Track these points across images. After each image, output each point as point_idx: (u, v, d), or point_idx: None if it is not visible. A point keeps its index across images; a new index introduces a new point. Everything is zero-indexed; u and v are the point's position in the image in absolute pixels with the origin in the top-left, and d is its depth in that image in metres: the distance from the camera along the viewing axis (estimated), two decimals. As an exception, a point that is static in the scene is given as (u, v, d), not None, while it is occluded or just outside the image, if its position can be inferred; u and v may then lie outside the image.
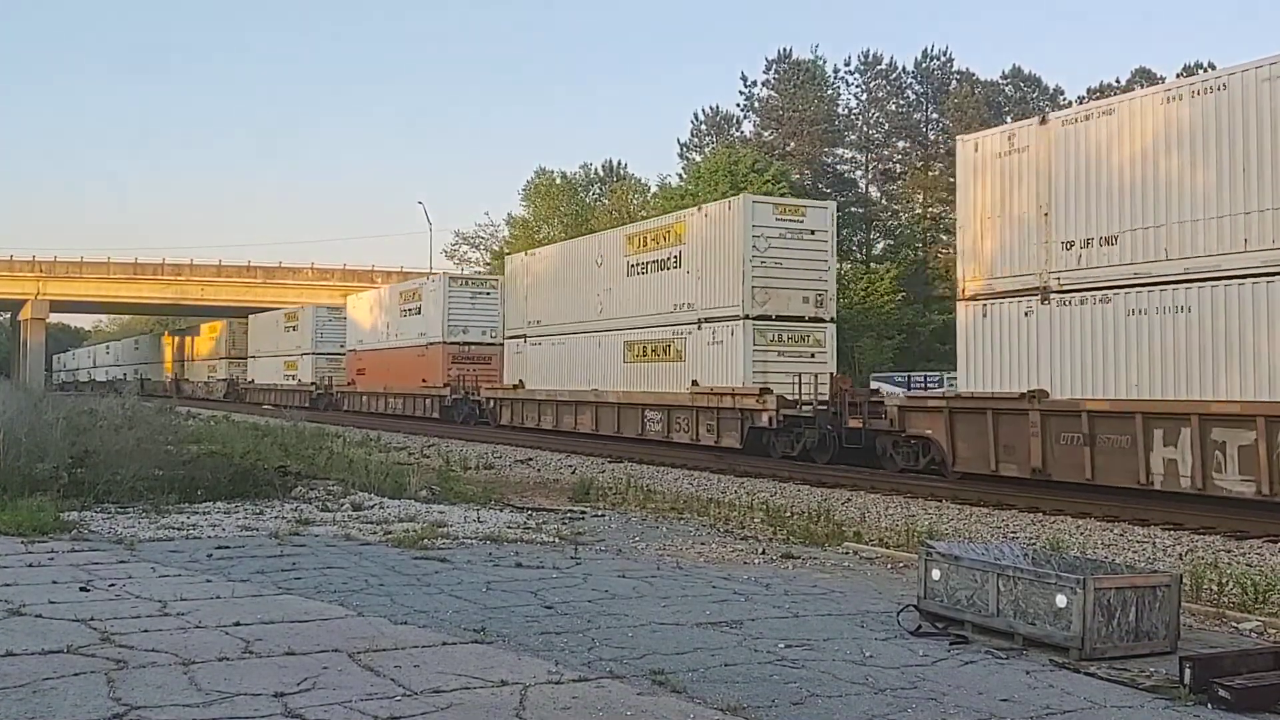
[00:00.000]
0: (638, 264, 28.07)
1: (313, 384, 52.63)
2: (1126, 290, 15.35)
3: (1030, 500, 15.85)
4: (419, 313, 42.15)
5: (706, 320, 25.07)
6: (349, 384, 49.07)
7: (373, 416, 43.57)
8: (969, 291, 18.02)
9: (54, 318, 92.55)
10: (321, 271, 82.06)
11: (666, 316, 26.54)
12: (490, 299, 40.04)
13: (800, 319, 24.32)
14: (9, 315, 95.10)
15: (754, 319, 23.79)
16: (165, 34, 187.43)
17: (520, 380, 34.00)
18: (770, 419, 22.69)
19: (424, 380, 40.57)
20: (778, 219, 24.37)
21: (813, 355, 24.10)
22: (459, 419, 37.78)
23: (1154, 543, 12.73)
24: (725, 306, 24.44)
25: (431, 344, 40.32)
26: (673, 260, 26.54)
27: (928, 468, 19.04)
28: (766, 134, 67.94)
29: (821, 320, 24.56)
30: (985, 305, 17.61)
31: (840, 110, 68.75)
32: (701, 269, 25.34)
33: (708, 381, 24.73)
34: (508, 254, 46.40)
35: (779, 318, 24.08)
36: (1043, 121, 17.35)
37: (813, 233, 24.56)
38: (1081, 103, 63.68)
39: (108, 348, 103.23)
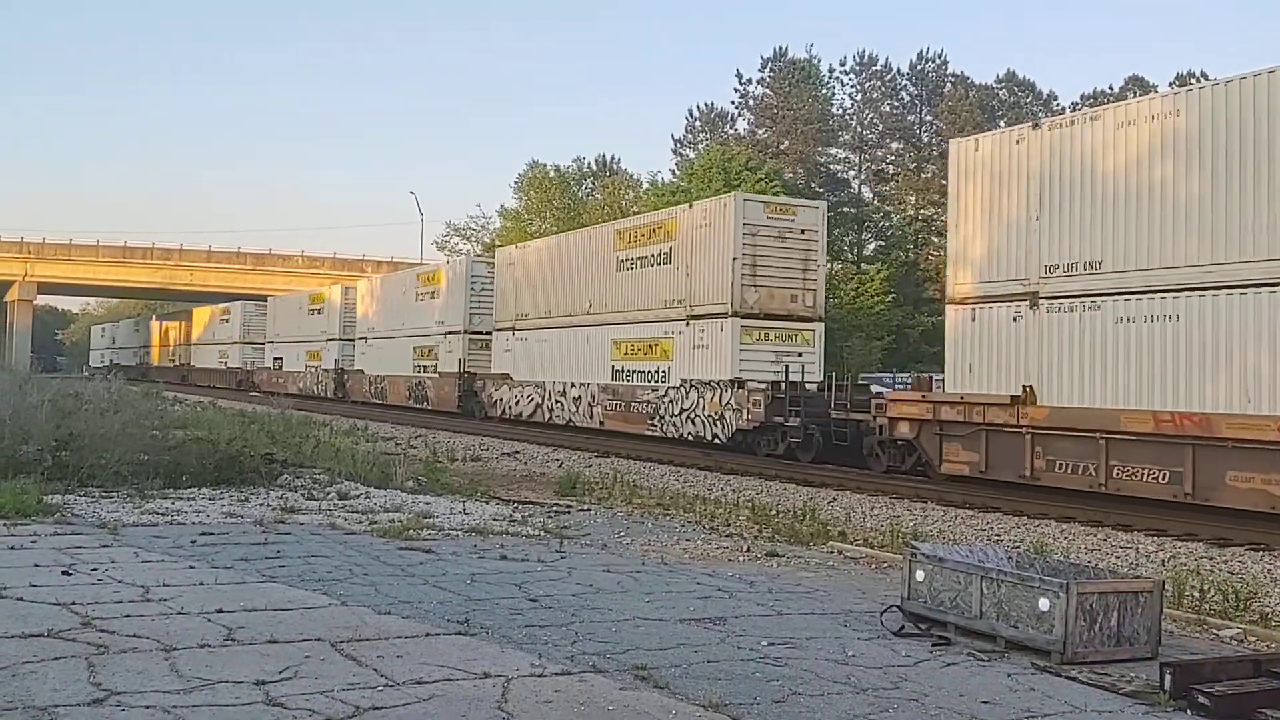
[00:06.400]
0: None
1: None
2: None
3: (1015, 504, 15.90)
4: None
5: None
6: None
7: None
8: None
9: (40, 300, 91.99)
10: (312, 259, 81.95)
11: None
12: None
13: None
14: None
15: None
16: (162, 20, 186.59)
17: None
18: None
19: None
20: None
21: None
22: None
23: (1137, 548, 12.79)
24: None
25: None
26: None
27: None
28: (760, 132, 68.00)
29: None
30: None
31: (834, 110, 68.87)
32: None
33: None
34: (499, 246, 46.06)
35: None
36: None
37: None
38: (1075, 109, 64.02)
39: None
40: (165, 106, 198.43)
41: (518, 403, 32.58)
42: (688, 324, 25.05)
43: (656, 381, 25.99)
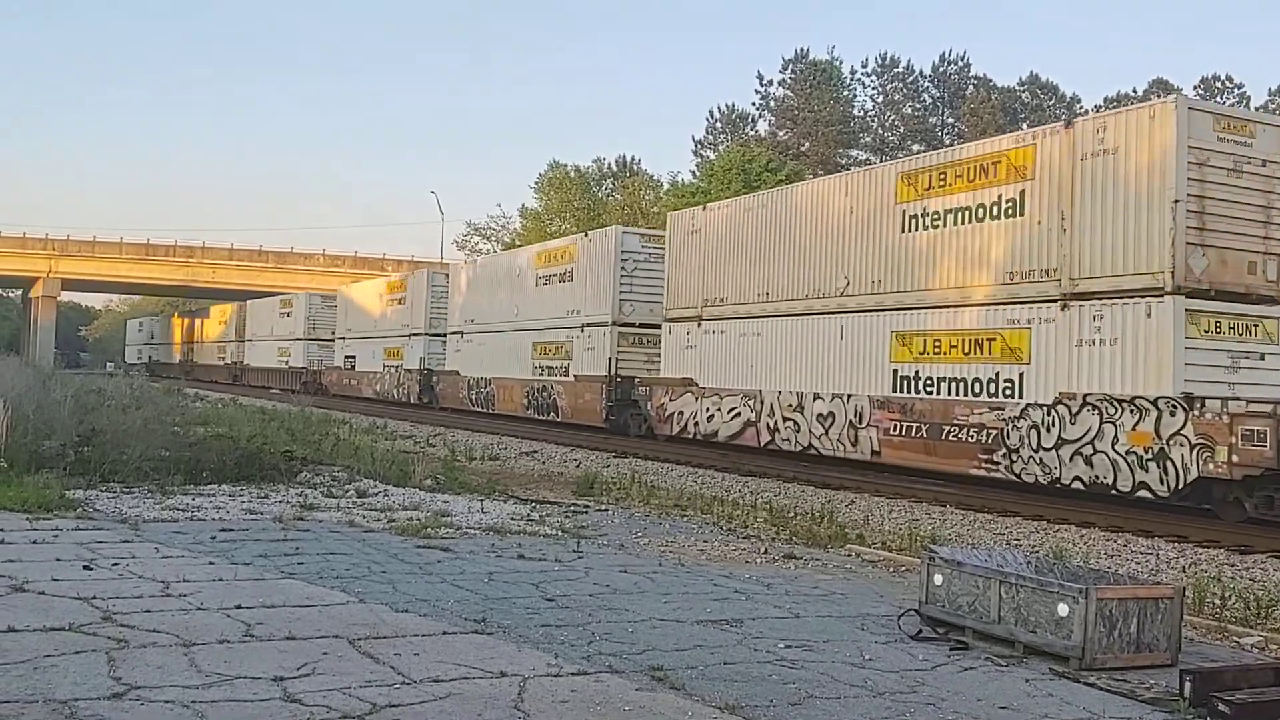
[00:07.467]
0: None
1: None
2: None
3: (1034, 509, 15.82)
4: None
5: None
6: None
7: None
8: None
9: (64, 296, 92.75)
10: (333, 258, 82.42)
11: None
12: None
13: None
14: (20, 292, 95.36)
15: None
16: (181, 25, 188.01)
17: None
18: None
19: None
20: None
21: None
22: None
23: (1157, 554, 12.70)
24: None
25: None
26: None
27: None
28: (781, 133, 67.96)
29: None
30: None
31: (856, 112, 68.82)
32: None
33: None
34: (519, 245, 45.62)
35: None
36: None
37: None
38: (1098, 111, 63.60)
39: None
40: (186, 107, 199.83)
41: (711, 418, 23.90)
42: (1064, 307, 16.21)
43: (996, 394, 17.15)
